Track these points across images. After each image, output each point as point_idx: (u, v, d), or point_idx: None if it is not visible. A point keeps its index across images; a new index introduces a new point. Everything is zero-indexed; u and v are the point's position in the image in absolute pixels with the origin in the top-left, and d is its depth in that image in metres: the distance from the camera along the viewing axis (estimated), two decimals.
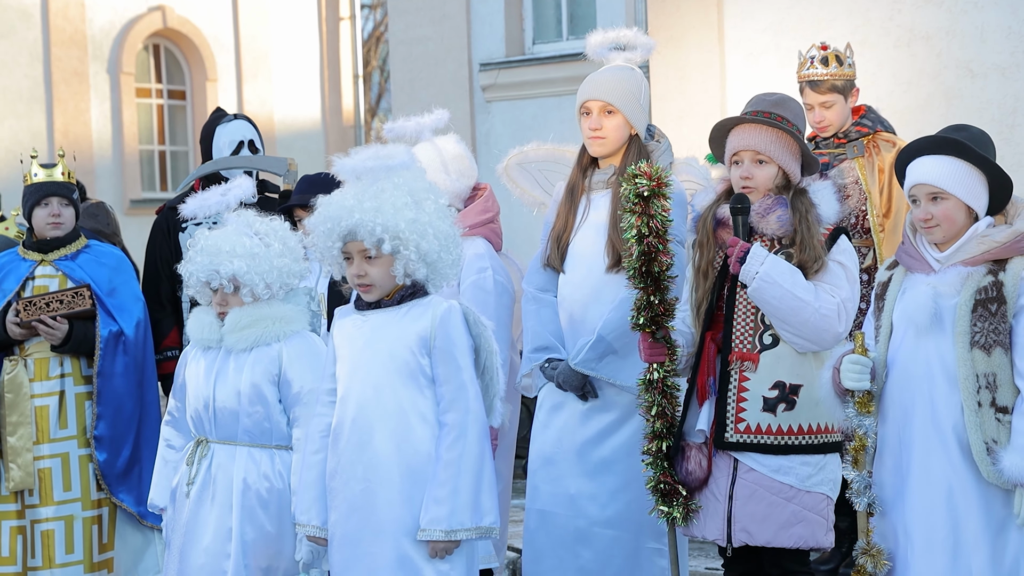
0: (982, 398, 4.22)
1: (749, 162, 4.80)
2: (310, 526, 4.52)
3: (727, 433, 4.75)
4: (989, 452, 4.20)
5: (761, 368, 4.74)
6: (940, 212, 4.31)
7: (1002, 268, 4.26)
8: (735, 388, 4.76)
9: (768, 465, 4.72)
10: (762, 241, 4.78)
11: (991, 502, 4.25)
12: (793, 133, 4.78)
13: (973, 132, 4.39)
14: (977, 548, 4.24)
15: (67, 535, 6.07)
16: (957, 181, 4.29)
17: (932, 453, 4.30)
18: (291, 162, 6.57)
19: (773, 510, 4.71)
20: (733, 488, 4.76)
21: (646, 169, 4.79)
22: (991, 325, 4.22)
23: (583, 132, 5.33)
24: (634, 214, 4.78)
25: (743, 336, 4.77)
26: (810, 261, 4.71)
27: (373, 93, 25.64)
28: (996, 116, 7.17)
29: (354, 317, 4.51)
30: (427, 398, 4.39)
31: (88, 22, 17.24)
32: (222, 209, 5.07)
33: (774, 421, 4.72)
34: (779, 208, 4.76)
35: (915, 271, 4.39)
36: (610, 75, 5.35)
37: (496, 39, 11.31)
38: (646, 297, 4.81)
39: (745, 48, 8.11)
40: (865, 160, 6.16)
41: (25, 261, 6.24)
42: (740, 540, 4.75)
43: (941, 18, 7.33)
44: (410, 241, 4.34)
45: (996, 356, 4.22)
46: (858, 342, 4.38)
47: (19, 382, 6.08)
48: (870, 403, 4.39)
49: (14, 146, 16.50)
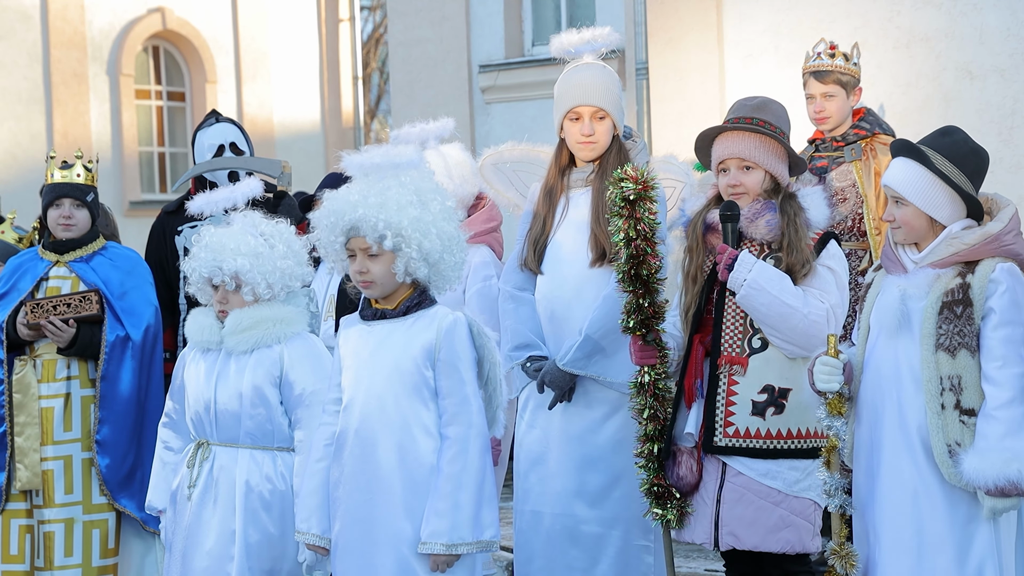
0: (945, 400, 4.23)
1: (736, 169, 4.82)
2: (310, 534, 4.53)
3: (716, 437, 4.75)
4: (951, 454, 4.21)
5: (750, 372, 4.75)
6: (900, 216, 4.36)
7: (971, 270, 4.27)
8: (724, 392, 4.77)
9: (756, 469, 4.73)
10: (751, 246, 4.80)
11: (956, 504, 4.26)
12: (776, 136, 4.79)
13: (956, 139, 4.37)
14: (942, 549, 4.26)
15: (67, 538, 6.06)
16: (916, 190, 4.31)
17: (899, 455, 4.33)
18: (285, 164, 6.58)
19: (761, 514, 4.71)
20: (721, 491, 4.76)
21: (632, 173, 4.80)
22: (956, 328, 4.23)
23: (571, 137, 5.29)
24: (621, 218, 4.80)
25: (732, 340, 4.78)
26: (798, 265, 4.72)
27: (372, 95, 25.64)
28: (995, 118, 7.17)
29: (360, 327, 4.51)
30: (430, 410, 4.40)
31: (87, 24, 17.23)
32: (228, 207, 5.08)
33: (763, 425, 4.72)
34: (768, 212, 4.77)
35: (891, 273, 4.42)
36: (593, 78, 5.30)
37: (495, 41, 11.32)
38: (636, 300, 4.82)
39: (744, 49, 8.11)
40: (862, 163, 6.17)
41: (42, 261, 6.26)
42: (727, 544, 4.76)
43: (940, 20, 7.33)
44: (412, 239, 4.34)
45: (961, 358, 4.23)
46: (830, 344, 4.39)
47: (27, 383, 6.09)
48: (842, 404, 4.40)
49: (13, 148, 16.50)
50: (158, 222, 6.86)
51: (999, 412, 4.18)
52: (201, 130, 6.88)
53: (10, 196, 12.27)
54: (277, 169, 6.56)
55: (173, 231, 6.72)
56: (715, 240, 4.83)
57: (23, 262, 6.30)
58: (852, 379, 4.43)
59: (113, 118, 17.47)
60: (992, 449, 4.16)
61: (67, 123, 16.96)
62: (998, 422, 4.18)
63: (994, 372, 4.21)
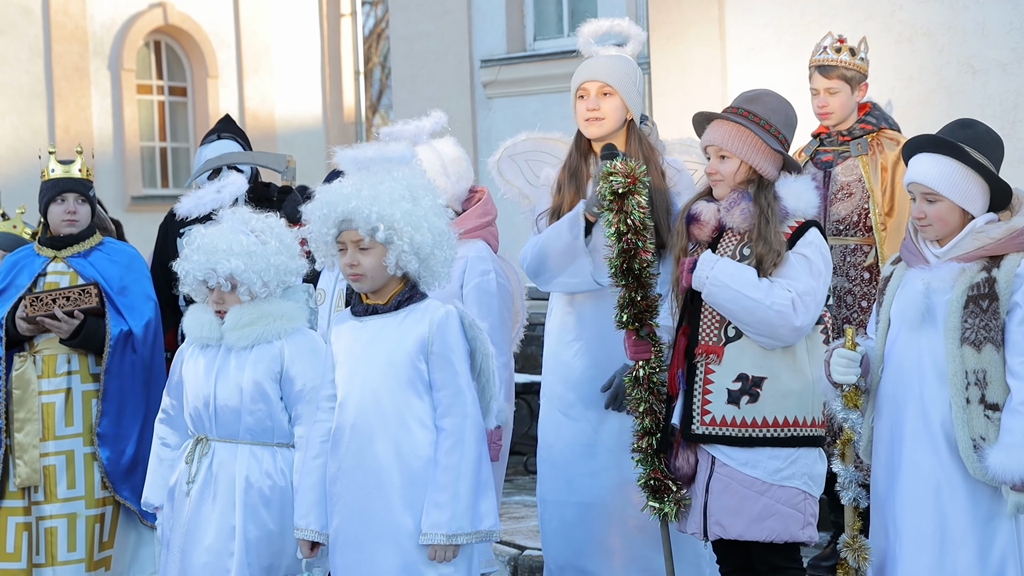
0: (970, 395, 4.22)
1: (714, 157, 4.84)
2: (308, 530, 4.54)
3: (694, 425, 4.77)
4: (976, 449, 4.20)
5: (725, 360, 4.75)
6: (933, 212, 4.33)
7: (996, 265, 4.26)
8: (701, 381, 4.78)
9: (736, 458, 4.73)
10: (733, 235, 4.81)
11: (978, 498, 4.26)
12: (758, 128, 4.77)
13: (979, 130, 4.37)
14: (964, 544, 4.26)
15: (70, 533, 6.07)
16: (951, 184, 4.29)
17: (921, 449, 4.32)
18: (289, 159, 6.59)
19: (745, 504, 4.72)
20: (710, 481, 4.78)
21: (621, 167, 4.81)
22: (982, 322, 4.22)
23: (578, 115, 5.31)
24: (611, 212, 4.80)
25: (709, 329, 4.80)
26: (767, 255, 4.71)
27: (374, 90, 25.66)
28: (997, 112, 7.16)
29: (351, 323, 4.52)
30: (425, 403, 4.40)
31: (89, 18, 17.24)
32: (216, 206, 5.07)
33: (738, 414, 4.72)
34: (743, 202, 4.79)
35: (913, 266, 4.40)
36: (606, 59, 5.38)
37: (497, 35, 11.30)
38: (628, 294, 4.83)
39: (746, 44, 8.10)
40: (868, 158, 6.15)
41: (39, 257, 6.26)
42: (714, 533, 4.78)
43: (942, 14, 7.32)
44: (404, 232, 4.35)
45: (987, 353, 4.22)
46: (848, 336, 4.39)
47: (27, 379, 6.09)
48: (858, 397, 4.40)
49: (15, 142, 16.51)
50: (164, 223, 6.86)
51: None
52: (203, 145, 6.90)
53: (12, 191, 12.25)
54: (282, 164, 6.57)
55: (176, 233, 6.72)
56: (698, 231, 4.86)
57: (20, 258, 6.29)
58: (868, 372, 4.42)
59: (115, 113, 17.48)
60: (1017, 444, 4.16)
61: (69, 118, 16.97)
62: (1023, 417, 4.17)
63: (1019, 367, 4.20)
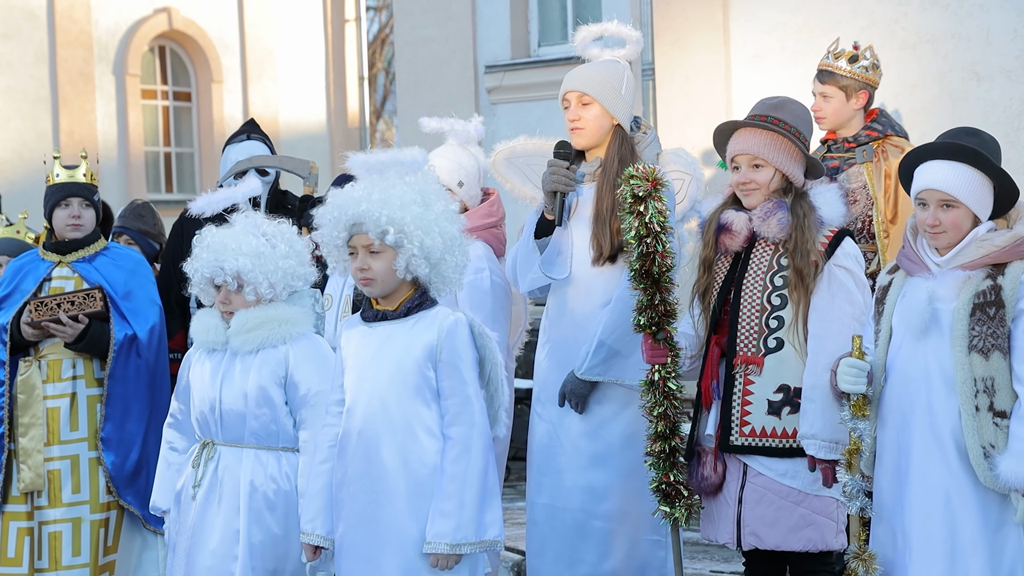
0: (980, 402, 4.21)
1: (746, 166, 4.82)
2: (314, 535, 4.54)
3: (732, 436, 4.75)
4: (986, 456, 4.19)
5: (766, 371, 4.75)
6: (949, 219, 4.30)
7: (1001, 272, 4.26)
8: (740, 392, 4.77)
9: (775, 469, 4.73)
10: (766, 244, 4.80)
11: (988, 506, 4.25)
12: (790, 136, 4.78)
13: (985, 138, 4.37)
14: (974, 552, 4.24)
15: (74, 537, 6.06)
16: (970, 191, 4.28)
17: (930, 457, 4.30)
18: (312, 165, 6.61)
19: (782, 514, 4.71)
20: (743, 492, 4.77)
21: (642, 170, 4.80)
22: (989, 329, 4.21)
23: (565, 125, 5.34)
24: (632, 215, 4.80)
25: (748, 339, 4.78)
26: (804, 267, 4.71)
27: (378, 95, 25.67)
28: (1001, 119, 7.17)
29: (361, 329, 4.52)
30: (433, 411, 4.40)
31: (94, 23, 17.26)
32: (228, 204, 5.08)
33: (779, 424, 4.72)
34: (779, 211, 4.77)
35: (914, 275, 4.39)
36: (588, 67, 5.36)
37: (502, 41, 11.32)
38: (647, 298, 4.82)
39: (750, 50, 8.12)
40: (873, 165, 6.14)
41: (44, 262, 6.25)
42: (750, 544, 4.77)
43: (947, 21, 7.33)
44: (414, 236, 4.35)
45: (994, 360, 4.21)
46: (855, 345, 4.38)
47: (32, 384, 6.08)
48: (866, 406, 4.39)
49: (20, 147, 16.52)
50: (178, 222, 6.85)
51: None
52: (231, 144, 6.89)
53: (17, 196, 12.27)
54: (306, 169, 6.60)
55: (190, 233, 6.72)
56: (728, 240, 4.84)
57: (24, 263, 6.28)
58: (872, 381, 4.42)
59: (119, 118, 17.49)
60: None
61: (73, 123, 16.98)
62: None
63: None
